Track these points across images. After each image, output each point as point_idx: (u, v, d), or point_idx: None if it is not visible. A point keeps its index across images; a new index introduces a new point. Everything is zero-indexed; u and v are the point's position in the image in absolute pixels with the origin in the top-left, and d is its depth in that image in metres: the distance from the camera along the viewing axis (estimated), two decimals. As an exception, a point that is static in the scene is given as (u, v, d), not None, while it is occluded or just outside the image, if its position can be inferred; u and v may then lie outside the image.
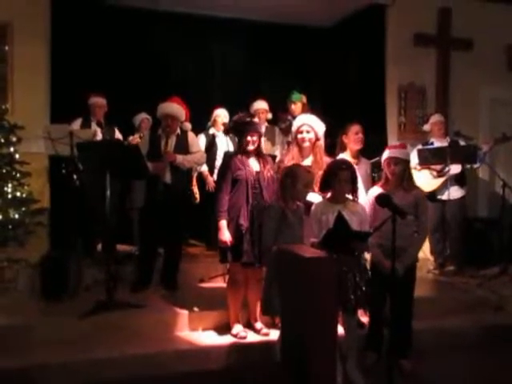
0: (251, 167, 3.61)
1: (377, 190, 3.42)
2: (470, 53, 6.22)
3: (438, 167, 5.04)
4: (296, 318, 2.73)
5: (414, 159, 4.89)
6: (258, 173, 3.61)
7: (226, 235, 3.53)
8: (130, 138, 5.40)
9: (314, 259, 2.68)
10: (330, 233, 2.86)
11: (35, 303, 3.90)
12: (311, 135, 3.68)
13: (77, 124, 4.99)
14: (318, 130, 3.72)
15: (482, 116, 6.39)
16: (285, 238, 3.19)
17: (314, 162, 3.65)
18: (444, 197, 5.03)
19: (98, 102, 5.13)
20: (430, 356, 3.59)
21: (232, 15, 6.22)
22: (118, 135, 5.25)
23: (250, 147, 3.63)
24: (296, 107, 5.48)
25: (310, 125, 3.69)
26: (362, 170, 4.02)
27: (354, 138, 4.06)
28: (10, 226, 4.34)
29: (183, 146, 4.34)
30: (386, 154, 3.45)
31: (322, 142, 3.80)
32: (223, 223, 3.55)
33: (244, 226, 3.53)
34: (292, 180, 3.26)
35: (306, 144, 3.68)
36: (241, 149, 3.69)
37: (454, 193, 5.04)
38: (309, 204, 3.38)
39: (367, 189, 3.80)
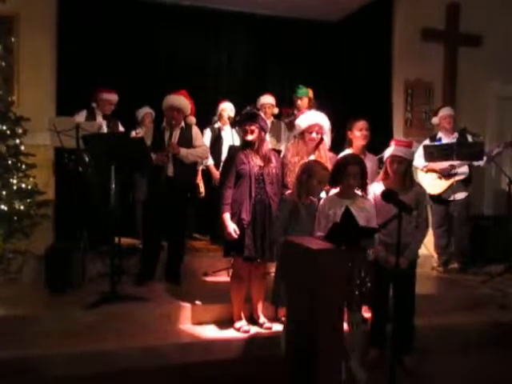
0: (255, 162, 3.59)
1: (377, 185, 3.40)
2: (479, 49, 6.16)
3: (445, 167, 4.99)
4: (302, 311, 2.70)
5: (419, 157, 4.86)
6: (261, 167, 3.59)
7: (231, 227, 3.52)
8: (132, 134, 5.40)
9: (323, 251, 2.62)
10: (336, 227, 2.84)
11: (40, 295, 3.92)
12: (320, 135, 3.69)
13: (82, 116, 4.99)
14: (326, 128, 3.73)
15: (489, 113, 6.33)
16: (294, 232, 3.18)
17: (318, 157, 3.65)
18: (449, 196, 5.00)
19: (113, 99, 5.12)
20: (433, 353, 3.58)
21: (238, 9, 6.20)
22: (121, 129, 5.24)
23: (248, 137, 3.60)
24: (302, 102, 5.45)
25: (321, 125, 3.68)
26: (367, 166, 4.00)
27: (358, 135, 4.05)
28: (16, 218, 4.36)
29: (187, 140, 4.34)
30: (391, 150, 3.41)
31: (327, 138, 3.79)
32: (227, 216, 3.54)
33: (246, 220, 3.52)
34: (307, 175, 3.26)
35: (314, 144, 3.69)
36: (242, 141, 3.67)
37: (459, 193, 5.03)
38: (319, 199, 3.38)
39: (372, 184, 3.78)
